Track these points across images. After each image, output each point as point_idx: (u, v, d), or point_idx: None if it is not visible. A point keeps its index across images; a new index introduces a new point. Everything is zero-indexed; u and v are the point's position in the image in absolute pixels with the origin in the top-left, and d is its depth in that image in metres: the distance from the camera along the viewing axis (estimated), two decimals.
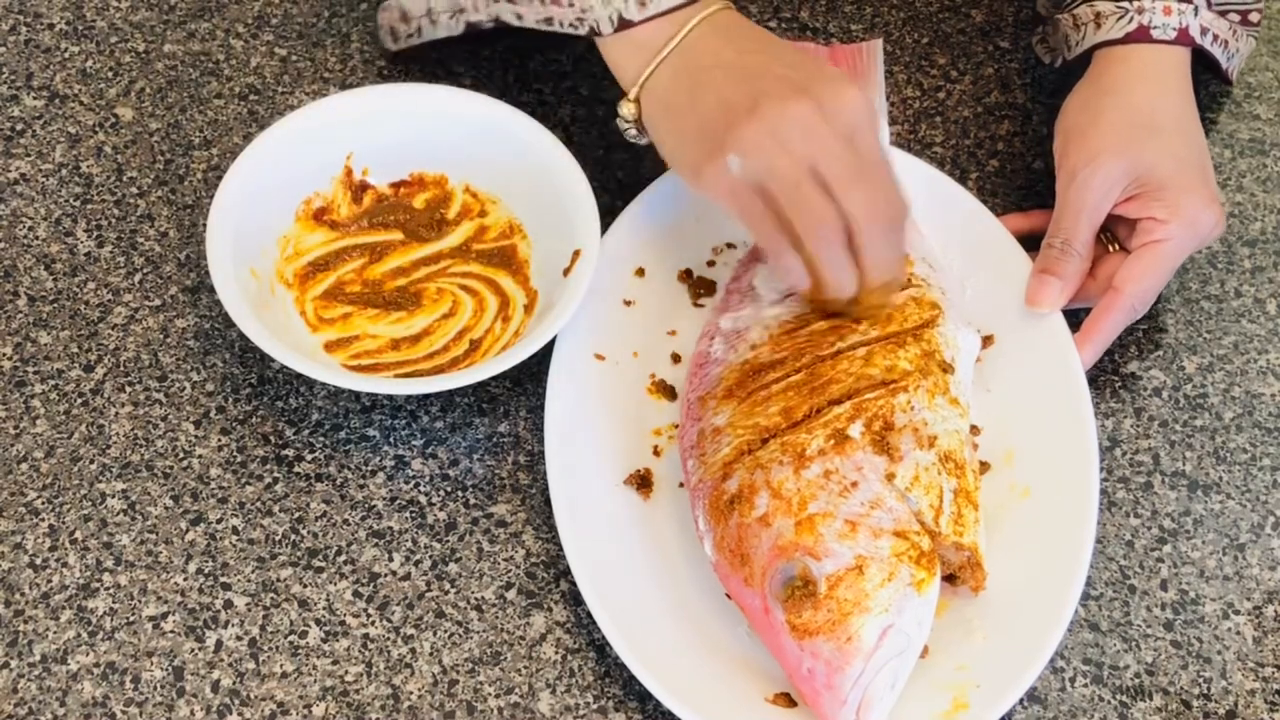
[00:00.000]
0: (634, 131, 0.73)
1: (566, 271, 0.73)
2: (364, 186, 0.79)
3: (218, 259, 0.71)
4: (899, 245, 0.69)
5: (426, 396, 0.75)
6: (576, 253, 0.73)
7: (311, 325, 0.75)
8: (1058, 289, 0.76)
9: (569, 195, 0.75)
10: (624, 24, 0.70)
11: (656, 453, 0.72)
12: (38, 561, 0.69)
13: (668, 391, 0.75)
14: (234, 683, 0.66)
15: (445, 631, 0.68)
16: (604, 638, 0.66)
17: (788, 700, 0.65)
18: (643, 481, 0.71)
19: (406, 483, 0.72)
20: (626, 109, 0.71)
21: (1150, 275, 0.75)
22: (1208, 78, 0.89)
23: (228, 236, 0.72)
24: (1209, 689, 0.69)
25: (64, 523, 0.70)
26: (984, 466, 0.72)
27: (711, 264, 0.79)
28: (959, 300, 0.75)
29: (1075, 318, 0.80)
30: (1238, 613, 0.71)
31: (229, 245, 0.71)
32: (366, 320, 0.75)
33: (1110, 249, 0.79)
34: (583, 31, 0.72)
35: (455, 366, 0.74)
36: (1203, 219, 0.76)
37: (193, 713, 0.65)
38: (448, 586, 0.69)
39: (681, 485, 0.71)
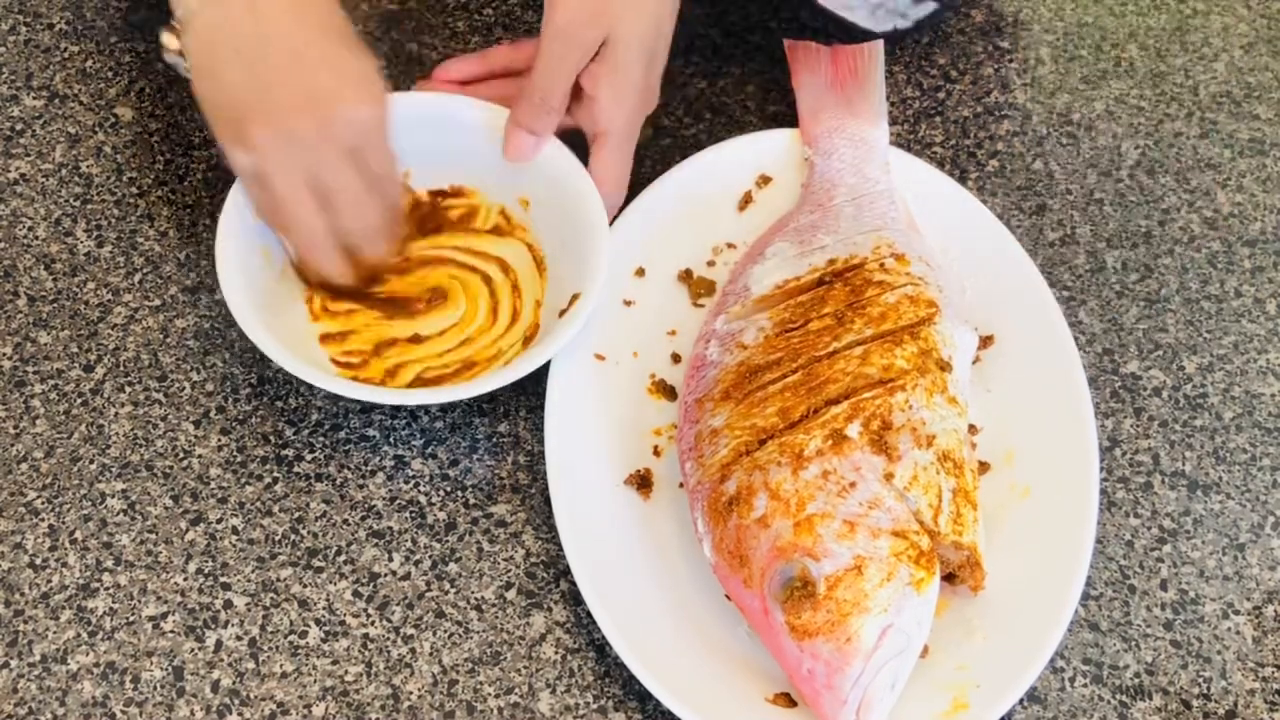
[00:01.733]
0: (180, 65, 0.73)
1: (562, 313, 0.72)
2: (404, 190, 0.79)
3: (226, 233, 0.72)
4: (383, 245, 0.74)
5: None
6: (575, 296, 0.72)
7: (314, 314, 0.75)
8: (532, 144, 0.76)
9: (588, 235, 0.74)
10: None
11: (657, 453, 0.72)
12: (38, 561, 0.69)
13: (668, 391, 0.75)
14: (234, 683, 0.66)
15: (445, 631, 0.68)
16: (604, 638, 0.66)
17: (787, 700, 0.65)
18: (643, 482, 0.71)
19: (406, 483, 0.72)
20: (169, 40, 0.72)
21: (617, 98, 0.74)
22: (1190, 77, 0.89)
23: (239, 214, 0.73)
24: (1209, 689, 0.69)
25: (64, 523, 0.70)
26: (984, 466, 0.72)
27: (711, 264, 0.79)
28: (958, 299, 0.75)
29: (1076, 318, 0.80)
30: (1238, 613, 0.71)
31: (239, 222, 0.72)
32: (369, 319, 0.75)
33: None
34: None
35: (447, 378, 0.73)
36: (646, 6, 0.73)
37: (193, 713, 0.65)
38: (448, 586, 0.69)
39: (681, 486, 0.71)
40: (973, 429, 0.73)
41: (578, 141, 0.77)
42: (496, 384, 0.69)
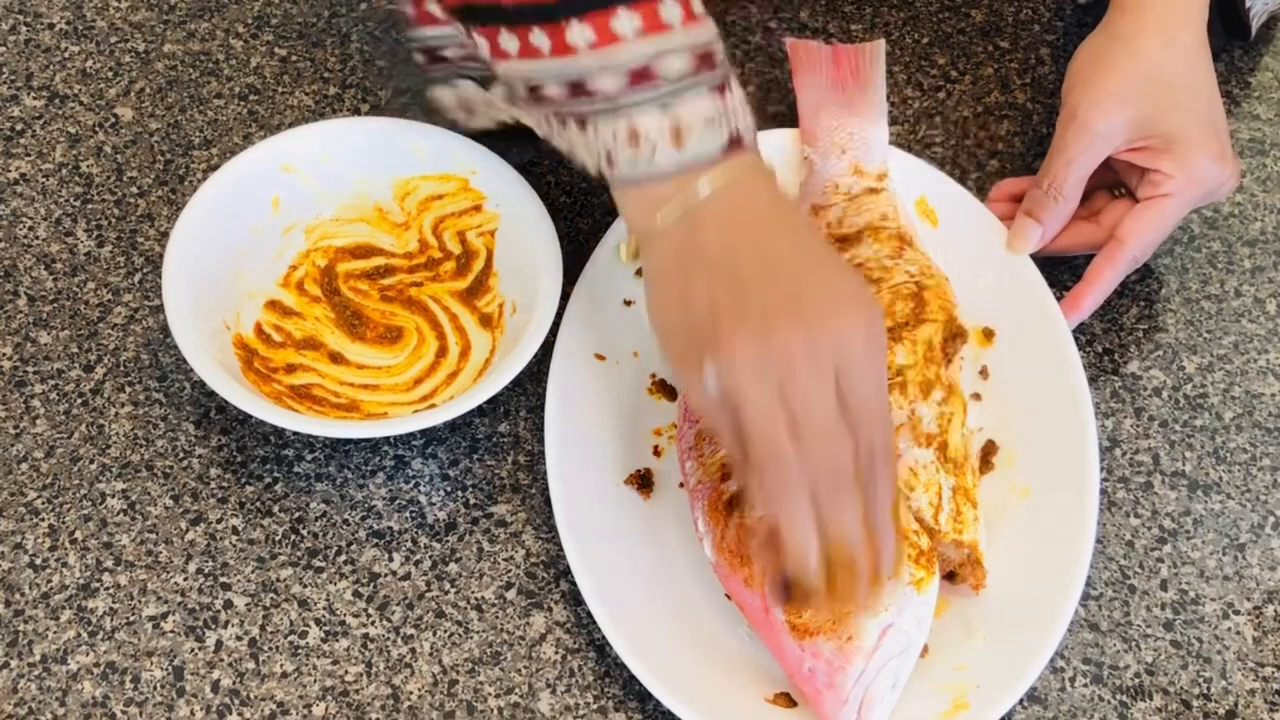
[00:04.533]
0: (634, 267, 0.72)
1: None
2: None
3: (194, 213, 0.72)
4: (856, 512, 0.58)
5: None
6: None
7: (286, 282, 0.76)
8: (1036, 233, 0.76)
9: (546, 284, 0.72)
10: (625, 182, 0.61)
11: (657, 453, 0.72)
12: (38, 561, 0.69)
13: (668, 391, 0.74)
14: (234, 683, 0.66)
15: (445, 631, 0.68)
16: (604, 638, 0.66)
17: (788, 700, 0.65)
18: (643, 481, 0.71)
19: (406, 483, 0.72)
20: (624, 251, 0.68)
21: (1153, 229, 0.76)
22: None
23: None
24: (1209, 689, 0.69)
25: (64, 523, 0.70)
26: (984, 466, 0.72)
27: None
28: (957, 298, 0.75)
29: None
30: (1238, 613, 0.71)
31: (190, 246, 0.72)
32: (323, 315, 0.76)
33: (1118, 196, 0.79)
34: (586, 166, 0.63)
35: (329, 407, 0.72)
36: (1210, 175, 0.76)
37: (193, 713, 0.65)
38: (448, 586, 0.69)
39: (682, 485, 0.71)
40: (972, 429, 0.73)
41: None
42: (455, 411, 0.68)
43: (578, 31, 0.58)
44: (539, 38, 0.59)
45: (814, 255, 0.60)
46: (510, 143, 0.76)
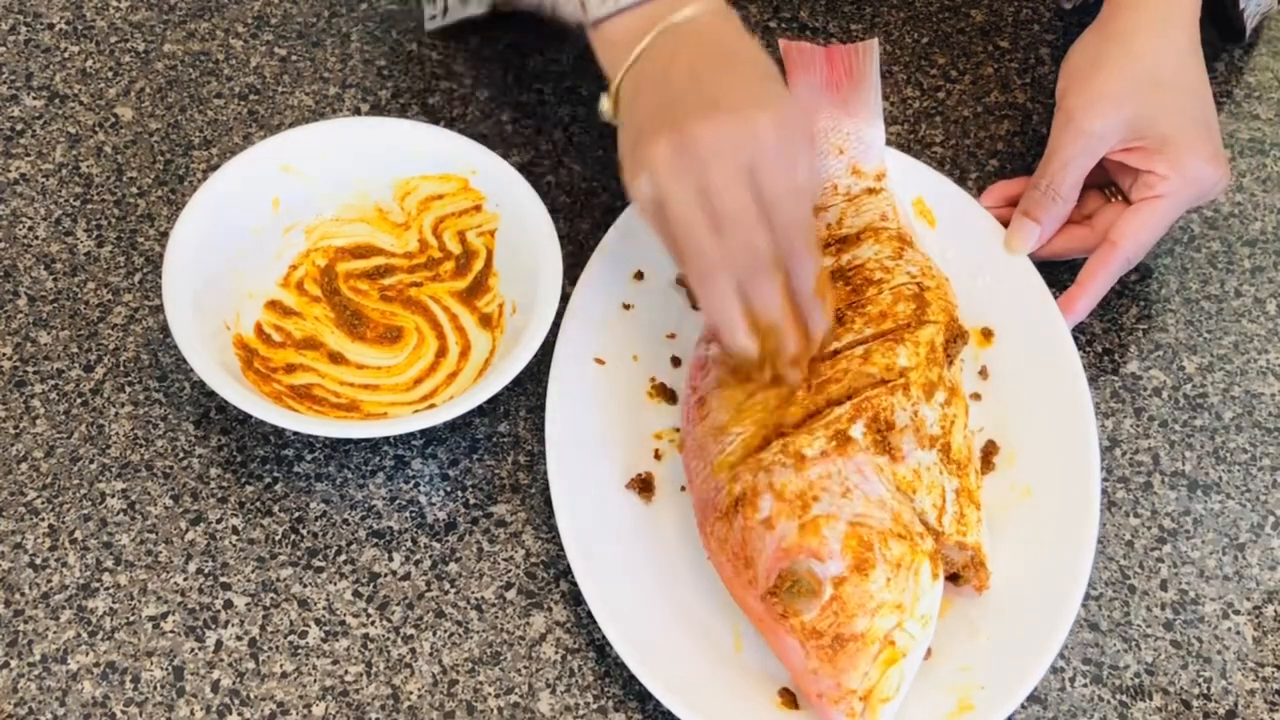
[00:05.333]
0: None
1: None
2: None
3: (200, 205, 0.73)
4: (776, 287, 0.64)
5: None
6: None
7: (286, 282, 0.76)
8: (1035, 233, 0.77)
9: (546, 284, 0.72)
10: (595, 20, 0.67)
11: (657, 456, 0.72)
12: (38, 561, 0.69)
13: (668, 395, 0.74)
14: (234, 683, 0.66)
15: (445, 631, 0.68)
16: (604, 638, 0.66)
17: (790, 701, 0.65)
18: (644, 485, 0.71)
19: (406, 482, 0.72)
20: (605, 104, 0.70)
21: (1147, 230, 0.77)
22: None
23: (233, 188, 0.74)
24: (1209, 689, 0.69)
25: (64, 523, 0.70)
26: (985, 467, 0.72)
27: None
28: (958, 299, 0.75)
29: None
30: (1238, 613, 0.71)
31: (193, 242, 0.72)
32: (322, 315, 0.76)
33: (1112, 199, 0.79)
34: (567, 16, 0.70)
35: (329, 407, 0.72)
36: (1204, 175, 0.76)
37: (193, 713, 0.65)
38: (448, 586, 0.69)
39: (683, 489, 0.70)
40: (974, 430, 0.72)
41: (579, 143, 0.76)
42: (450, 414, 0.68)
43: None
44: None
45: (742, 68, 0.65)
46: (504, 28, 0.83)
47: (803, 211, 0.64)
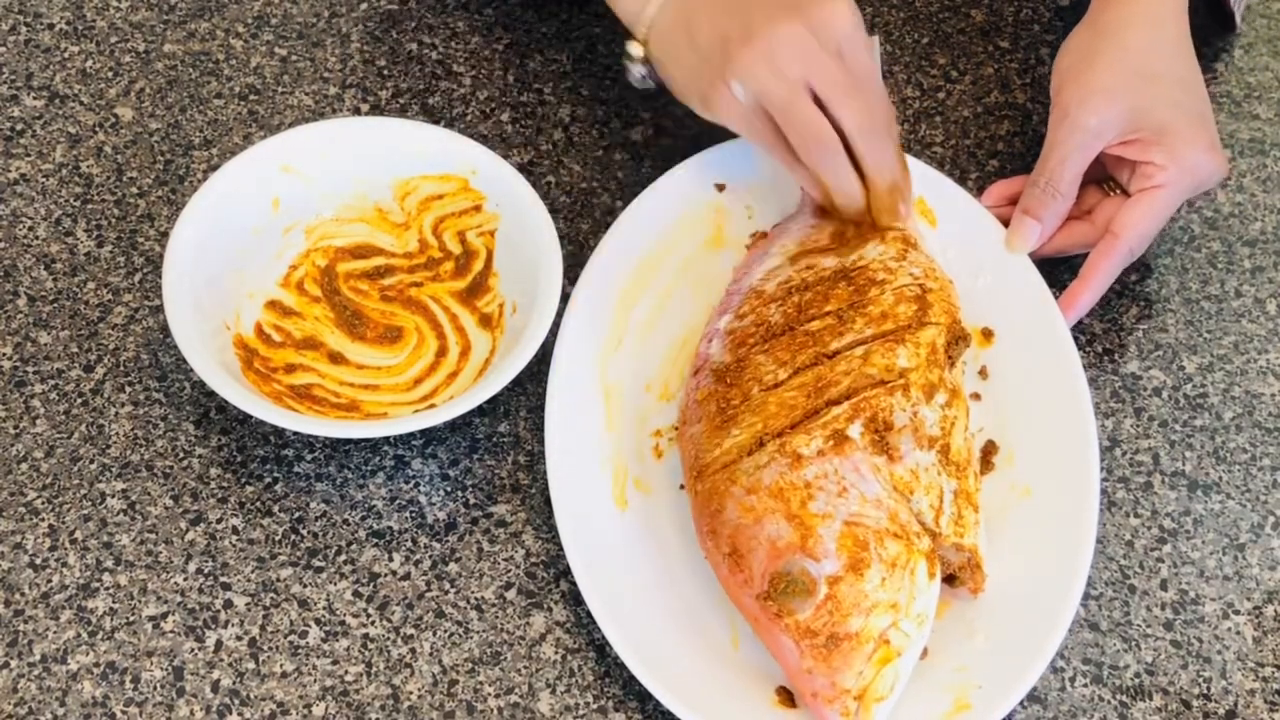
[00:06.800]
0: (641, 72, 0.76)
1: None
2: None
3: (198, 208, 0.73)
4: (893, 149, 0.72)
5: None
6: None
7: (286, 282, 0.76)
8: (1035, 231, 0.77)
9: (546, 284, 0.72)
10: None
11: (657, 453, 0.72)
12: (38, 561, 0.69)
13: (668, 394, 0.74)
14: (234, 683, 0.66)
15: (445, 631, 0.68)
16: (604, 638, 0.66)
17: (787, 700, 0.65)
18: (644, 483, 0.71)
19: (406, 482, 0.72)
20: (635, 49, 0.74)
21: (1147, 221, 0.77)
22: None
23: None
24: (1209, 689, 0.69)
25: (64, 523, 0.70)
26: (984, 466, 0.72)
27: None
28: (958, 299, 0.75)
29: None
30: (1238, 613, 0.71)
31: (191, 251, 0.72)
32: (322, 315, 0.76)
33: (1110, 193, 0.79)
34: None
35: (329, 407, 0.72)
36: (1201, 165, 0.77)
37: (193, 713, 0.65)
38: (447, 586, 0.69)
39: (682, 488, 0.70)
40: (974, 430, 0.72)
41: (580, 143, 0.76)
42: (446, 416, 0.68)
43: None
44: None
45: None
46: None
47: (880, 83, 0.73)
